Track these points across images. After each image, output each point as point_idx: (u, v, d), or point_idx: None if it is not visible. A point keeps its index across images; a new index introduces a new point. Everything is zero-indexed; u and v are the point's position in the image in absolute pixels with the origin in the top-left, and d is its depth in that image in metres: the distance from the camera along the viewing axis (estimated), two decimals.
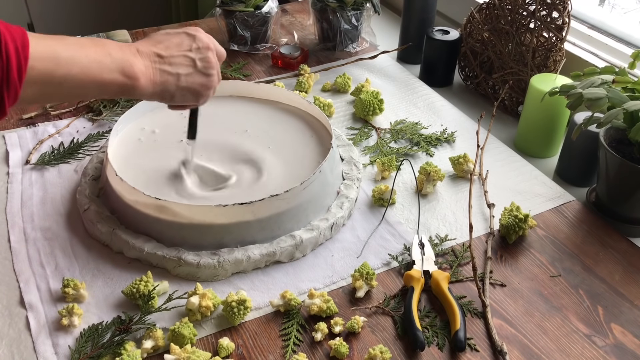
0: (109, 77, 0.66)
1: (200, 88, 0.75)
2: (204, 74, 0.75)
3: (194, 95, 0.75)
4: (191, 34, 0.75)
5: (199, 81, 0.74)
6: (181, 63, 0.73)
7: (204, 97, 0.77)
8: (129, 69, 0.67)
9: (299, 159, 0.94)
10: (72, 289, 0.76)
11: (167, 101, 0.75)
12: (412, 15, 1.30)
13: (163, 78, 0.71)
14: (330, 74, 1.25)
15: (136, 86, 0.69)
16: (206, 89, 0.76)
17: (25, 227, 0.87)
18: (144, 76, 0.69)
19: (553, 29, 1.06)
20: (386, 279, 0.81)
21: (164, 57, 0.71)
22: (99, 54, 0.65)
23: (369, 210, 0.92)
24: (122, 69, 0.67)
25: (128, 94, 0.70)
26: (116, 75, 0.67)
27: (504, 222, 0.85)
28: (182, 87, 0.73)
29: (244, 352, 0.71)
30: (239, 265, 0.80)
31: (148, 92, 0.71)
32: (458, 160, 0.97)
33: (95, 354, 0.70)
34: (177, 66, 0.72)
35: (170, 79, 0.72)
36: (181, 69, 0.73)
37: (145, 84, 0.69)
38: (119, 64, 0.67)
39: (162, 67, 0.71)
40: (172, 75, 0.72)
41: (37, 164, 0.99)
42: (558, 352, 0.72)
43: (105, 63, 0.66)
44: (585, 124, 0.85)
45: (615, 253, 0.85)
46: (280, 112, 1.04)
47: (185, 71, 0.73)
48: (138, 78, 0.68)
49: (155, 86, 0.71)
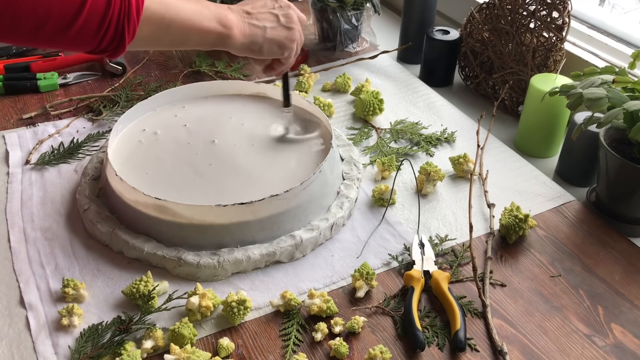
0: (209, 25, 0.76)
1: (284, 40, 0.84)
2: (287, 27, 0.83)
3: (280, 47, 0.84)
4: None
5: (283, 34, 0.83)
6: (266, 18, 0.82)
7: (288, 50, 0.85)
8: (225, 19, 0.77)
9: (299, 159, 0.94)
10: (72, 289, 0.76)
11: (256, 53, 0.83)
12: (412, 15, 1.30)
13: (252, 30, 0.81)
14: (330, 74, 1.25)
15: (231, 35, 0.78)
16: (290, 41, 0.84)
17: (25, 227, 0.87)
18: (236, 27, 0.79)
19: (553, 29, 1.06)
20: (386, 279, 0.81)
21: (251, 14, 0.81)
22: (198, 5, 0.76)
23: (369, 210, 0.92)
24: (219, 19, 0.77)
25: (222, 44, 0.79)
26: (214, 24, 0.76)
27: (504, 222, 0.85)
28: (269, 38, 0.82)
29: (244, 352, 0.71)
30: (239, 265, 0.80)
31: (239, 42, 0.80)
32: (458, 160, 0.97)
33: (95, 354, 0.70)
34: (263, 20, 0.82)
35: (258, 32, 0.81)
36: (267, 22, 0.82)
37: (237, 34, 0.79)
38: (215, 14, 0.77)
39: (251, 21, 0.81)
40: (259, 28, 0.81)
41: (37, 164, 0.99)
42: (558, 352, 0.72)
43: (205, 13, 0.76)
44: (585, 124, 0.85)
45: (615, 253, 0.85)
46: (280, 112, 1.04)
47: (271, 24, 0.82)
48: (232, 28, 0.78)
49: (245, 37, 0.80)
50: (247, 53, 0.83)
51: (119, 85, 1.19)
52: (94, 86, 1.21)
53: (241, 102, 1.07)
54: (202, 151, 0.94)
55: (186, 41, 0.77)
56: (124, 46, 0.68)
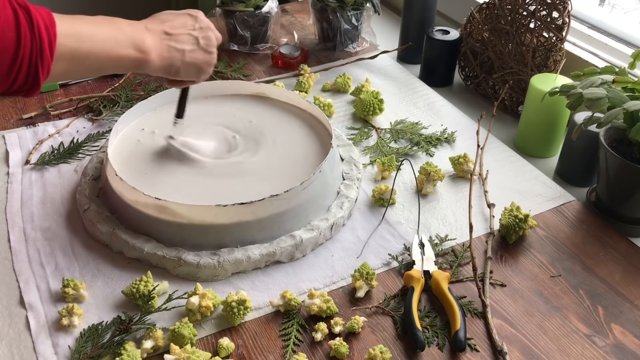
0: (124, 52, 0.72)
1: (202, 64, 0.81)
2: (206, 51, 0.81)
3: (197, 70, 0.81)
4: (193, 15, 0.81)
5: (201, 57, 0.80)
6: (186, 40, 0.79)
7: (205, 73, 0.83)
8: (141, 44, 0.73)
9: (299, 159, 0.94)
10: (72, 289, 0.76)
11: (173, 75, 0.80)
12: (412, 15, 1.29)
13: (170, 54, 0.77)
14: (330, 74, 1.25)
15: (148, 60, 0.74)
16: (207, 65, 0.82)
17: (25, 227, 0.87)
18: (154, 51, 0.75)
19: (553, 29, 1.06)
20: (386, 279, 0.81)
21: (170, 35, 0.77)
22: (113, 30, 0.71)
23: (369, 210, 0.92)
24: (135, 44, 0.73)
25: (140, 68, 0.75)
26: (130, 50, 0.72)
27: (504, 222, 0.85)
28: (187, 62, 0.79)
29: (244, 352, 0.71)
30: (239, 265, 0.80)
31: (157, 66, 0.76)
32: (458, 160, 0.97)
33: (95, 354, 0.70)
34: (182, 43, 0.78)
35: (177, 55, 0.78)
36: (186, 45, 0.78)
37: (155, 58, 0.75)
38: (132, 39, 0.72)
39: (169, 44, 0.77)
40: (178, 51, 0.78)
41: (37, 164, 0.99)
42: (558, 352, 0.72)
43: (120, 39, 0.71)
44: (585, 124, 0.85)
45: (615, 253, 0.85)
46: (280, 112, 1.04)
47: (190, 47, 0.79)
48: (149, 52, 0.74)
49: (163, 60, 0.76)
50: (164, 75, 0.80)
51: (119, 85, 1.19)
52: (94, 86, 1.20)
53: (241, 102, 1.07)
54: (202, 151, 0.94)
55: (102, 69, 0.74)
56: (39, 85, 0.64)
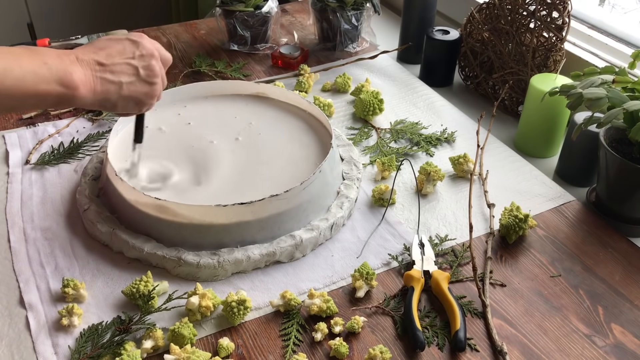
0: (46, 88, 0.64)
1: (143, 97, 0.73)
2: (147, 82, 0.73)
3: (137, 104, 0.74)
4: (135, 40, 0.73)
5: (141, 90, 0.73)
6: (123, 71, 0.70)
7: (146, 106, 0.75)
8: (68, 78, 0.65)
9: (299, 159, 0.94)
10: (72, 289, 0.76)
11: (109, 110, 0.73)
12: (412, 15, 1.30)
13: (104, 87, 0.69)
14: (330, 74, 1.25)
15: (76, 95, 0.67)
16: (149, 97, 0.74)
17: (25, 227, 0.87)
18: (83, 85, 0.67)
19: (553, 29, 1.06)
20: (386, 279, 0.81)
21: (105, 65, 0.69)
22: (34, 63, 0.63)
23: (369, 210, 0.92)
24: (59, 78, 0.65)
25: (67, 103, 0.67)
26: (54, 86, 0.64)
27: (504, 222, 0.85)
28: (125, 95, 0.71)
29: (244, 352, 0.71)
30: (239, 265, 0.80)
31: (88, 101, 0.69)
32: (458, 160, 0.97)
33: (95, 354, 0.70)
34: (119, 74, 0.70)
35: (112, 88, 0.70)
36: (123, 77, 0.70)
37: (85, 93, 0.67)
38: (56, 73, 0.64)
39: (104, 76, 0.69)
40: (113, 83, 0.70)
41: (37, 164, 0.99)
42: (558, 352, 0.72)
43: (41, 73, 0.63)
44: (585, 124, 0.85)
45: (615, 253, 0.85)
46: (280, 112, 1.04)
47: (128, 79, 0.71)
48: (77, 87, 0.66)
49: (95, 95, 0.69)
50: (99, 109, 0.73)
51: None
52: None
53: (241, 102, 1.07)
54: (202, 151, 0.95)
55: (20, 106, 0.66)
56: None
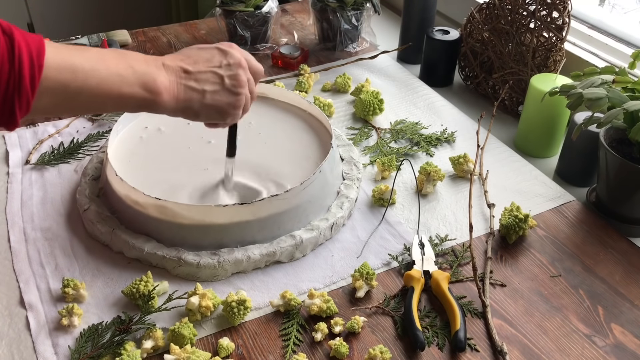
0: (129, 91, 0.64)
1: (226, 107, 0.71)
2: (232, 92, 0.71)
3: (220, 114, 0.72)
4: (223, 49, 0.71)
5: (225, 100, 0.71)
6: (208, 79, 0.69)
7: (231, 116, 0.73)
8: (152, 83, 0.65)
9: (299, 159, 0.94)
10: (72, 289, 0.76)
11: (191, 118, 0.71)
12: (412, 15, 1.30)
13: (187, 95, 0.68)
14: (330, 74, 1.25)
15: (158, 101, 0.66)
16: (233, 108, 0.72)
17: (25, 227, 0.87)
18: (167, 91, 0.66)
19: (553, 29, 1.06)
20: (386, 279, 0.81)
21: (190, 73, 0.68)
22: (120, 66, 0.63)
23: (369, 210, 0.92)
24: (144, 83, 0.64)
25: (149, 109, 0.67)
26: (137, 90, 0.64)
27: (504, 222, 0.85)
28: (207, 104, 0.70)
29: (244, 352, 0.71)
30: (239, 265, 0.80)
31: (170, 108, 0.68)
32: (458, 160, 0.97)
33: (95, 354, 0.70)
34: (203, 82, 0.69)
35: (195, 96, 0.69)
36: (207, 85, 0.69)
37: (167, 100, 0.67)
38: (140, 77, 0.64)
39: (188, 83, 0.68)
40: (197, 92, 0.69)
41: (37, 164, 0.99)
42: (558, 352, 0.72)
43: (126, 76, 0.63)
44: (585, 124, 0.85)
45: (615, 253, 0.85)
46: (280, 112, 1.04)
47: (212, 88, 0.69)
48: (160, 93, 0.66)
49: (178, 102, 0.68)
50: (181, 116, 0.70)
51: None
52: None
53: None
54: (203, 151, 0.95)
55: (102, 108, 0.66)
56: (16, 121, 0.58)
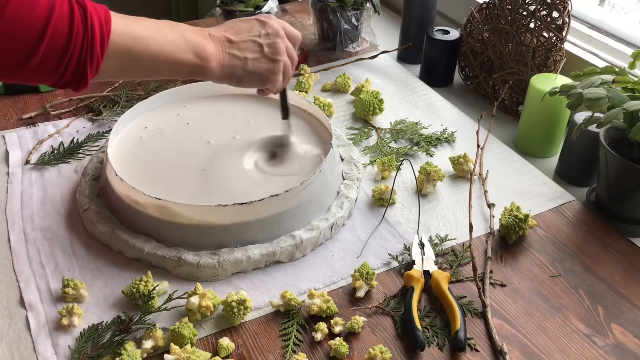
0: (183, 57, 0.71)
1: (266, 73, 0.78)
2: (271, 59, 0.78)
3: (260, 80, 0.79)
4: (262, 20, 0.79)
5: (265, 66, 0.78)
6: (248, 48, 0.77)
7: (271, 82, 0.80)
8: (202, 50, 0.72)
9: (299, 159, 0.94)
10: (72, 289, 0.76)
11: (235, 84, 0.79)
12: (412, 15, 1.29)
13: (231, 62, 0.76)
14: (330, 74, 1.25)
15: (207, 67, 0.73)
16: (272, 74, 0.79)
17: (25, 227, 0.87)
18: (214, 59, 0.74)
19: (553, 29, 1.06)
20: (386, 279, 0.81)
21: (233, 42, 0.76)
22: (174, 35, 0.71)
23: (369, 210, 0.92)
24: (195, 50, 0.72)
25: (198, 74, 0.74)
26: (190, 56, 0.72)
27: (504, 222, 0.85)
28: (249, 71, 0.77)
29: (244, 352, 0.71)
30: (239, 265, 0.80)
31: (216, 74, 0.75)
32: (458, 160, 0.97)
33: (95, 354, 0.70)
34: (244, 51, 0.76)
35: (238, 63, 0.76)
36: (248, 53, 0.76)
37: (214, 66, 0.74)
38: (192, 45, 0.72)
39: (231, 51, 0.75)
40: (239, 59, 0.76)
41: (37, 164, 0.99)
42: (558, 352, 0.72)
43: (180, 44, 0.71)
44: (585, 124, 0.85)
45: (615, 253, 0.85)
46: (280, 112, 1.04)
47: (252, 56, 0.77)
48: (209, 60, 0.73)
49: (223, 69, 0.75)
50: (226, 82, 0.79)
51: (119, 85, 1.19)
52: (93, 86, 1.20)
53: (241, 102, 1.07)
54: (203, 151, 0.94)
55: (158, 72, 0.73)
56: (87, 81, 0.64)
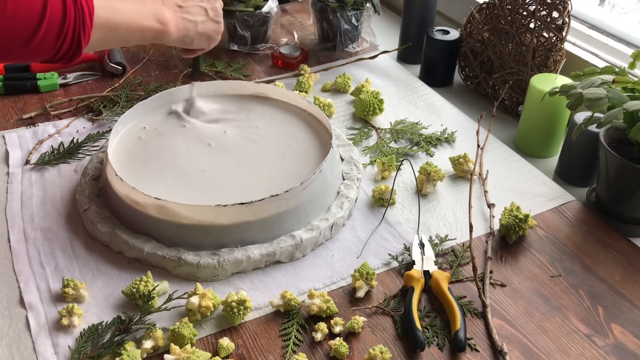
0: (149, 24, 0.79)
1: (212, 33, 0.88)
2: (215, 21, 0.88)
3: (208, 40, 0.89)
4: None
5: (211, 27, 0.87)
6: (197, 12, 0.85)
7: (214, 41, 0.90)
8: (162, 16, 0.80)
9: (299, 159, 0.94)
10: (72, 289, 0.76)
11: (187, 45, 0.87)
12: (412, 15, 1.30)
13: (185, 25, 0.84)
14: (330, 74, 1.25)
15: (167, 31, 0.81)
16: (217, 33, 0.89)
17: (25, 227, 0.87)
18: (172, 23, 0.82)
19: (553, 29, 1.06)
20: (386, 279, 0.81)
21: (183, 7, 0.84)
22: (136, 4, 0.78)
23: (369, 210, 0.92)
24: (156, 16, 0.79)
25: (160, 39, 0.82)
26: (153, 22, 0.79)
27: (504, 222, 0.85)
28: (200, 32, 0.86)
29: (244, 352, 0.71)
30: (239, 265, 0.80)
31: (174, 37, 0.83)
32: (458, 160, 0.97)
33: (95, 354, 0.70)
34: (194, 14, 0.85)
35: (190, 26, 0.85)
36: (197, 17, 0.85)
37: (173, 30, 0.82)
38: (153, 12, 0.79)
39: (184, 16, 0.84)
40: (191, 22, 0.85)
41: (37, 164, 0.99)
42: (558, 352, 0.72)
43: (144, 11, 0.78)
44: (585, 124, 0.85)
45: (615, 253, 0.85)
46: (280, 112, 1.04)
47: (201, 19, 0.86)
48: (167, 24, 0.81)
49: (179, 32, 0.83)
50: (179, 45, 0.86)
51: (119, 85, 1.19)
52: (94, 86, 1.20)
53: (241, 101, 1.07)
54: (203, 150, 0.95)
55: (129, 40, 0.80)
56: (81, 52, 0.70)
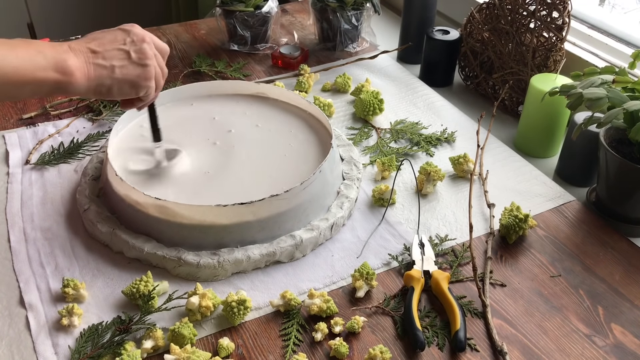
0: (43, 75, 0.67)
1: (136, 79, 0.75)
2: (140, 64, 0.74)
3: (132, 87, 0.75)
4: (126, 29, 0.76)
5: (134, 72, 0.74)
6: (115, 56, 0.73)
7: (143, 88, 0.76)
8: (63, 64, 0.68)
9: (299, 159, 0.94)
10: (72, 289, 0.76)
11: (105, 96, 0.74)
12: (412, 15, 1.30)
13: (97, 72, 0.71)
14: (330, 74, 1.25)
15: (71, 82, 0.69)
16: (143, 79, 0.75)
17: (25, 227, 0.87)
18: (78, 71, 0.70)
19: (553, 29, 1.06)
20: (386, 279, 0.81)
21: (97, 52, 0.72)
22: (30, 52, 0.66)
23: (369, 210, 0.92)
24: (55, 65, 0.68)
25: (64, 90, 0.70)
26: (50, 73, 0.67)
27: (504, 222, 0.85)
28: (118, 78, 0.73)
29: (244, 352, 0.71)
30: (239, 265, 0.80)
31: (84, 87, 0.71)
32: (458, 160, 0.97)
33: (95, 354, 0.70)
34: (111, 59, 0.72)
35: (105, 72, 0.72)
36: (115, 61, 0.73)
37: (80, 79, 0.70)
38: (51, 60, 0.67)
39: (96, 61, 0.71)
40: (106, 68, 0.72)
41: (37, 164, 0.99)
42: (558, 352, 0.72)
43: (37, 61, 0.66)
44: (585, 124, 0.85)
45: (615, 253, 0.85)
46: (280, 112, 1.04)
47: (120, 63, 0.73)
48: (72, 73, 0.69)
49: (90, 81, 0.71)
50: (95, 96, 0.74)
51: None
52: None
53: (241, 102, 1.07)
54: (203, 150, 0.95)
55: (19, 94, 0.69)
56: None
